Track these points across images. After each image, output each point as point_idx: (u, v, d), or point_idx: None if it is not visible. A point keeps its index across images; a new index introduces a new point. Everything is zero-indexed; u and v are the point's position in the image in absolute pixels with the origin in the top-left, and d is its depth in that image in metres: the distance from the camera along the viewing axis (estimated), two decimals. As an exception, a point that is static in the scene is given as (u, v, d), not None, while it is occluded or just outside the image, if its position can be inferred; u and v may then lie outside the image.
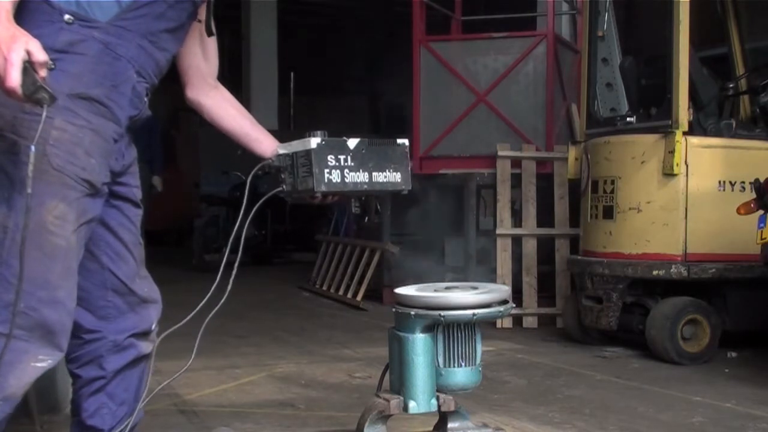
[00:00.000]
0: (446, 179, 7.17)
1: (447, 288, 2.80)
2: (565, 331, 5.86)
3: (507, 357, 5.24)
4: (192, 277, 9.52)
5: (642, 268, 5.14)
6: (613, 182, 5.33)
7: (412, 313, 2.68)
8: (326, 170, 2.28)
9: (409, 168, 2.45)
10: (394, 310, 2.77)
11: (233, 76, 16.16)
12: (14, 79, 1.74)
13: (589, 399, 4.11)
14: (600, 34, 6.12)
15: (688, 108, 5.11)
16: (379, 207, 8.40)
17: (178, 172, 13.41)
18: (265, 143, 2.46)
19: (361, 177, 2.34)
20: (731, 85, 5.90)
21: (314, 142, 2.28)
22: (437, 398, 2.74)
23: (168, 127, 16.91)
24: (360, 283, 7.49)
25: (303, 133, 2.36)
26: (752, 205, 4.56)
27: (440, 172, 7.23)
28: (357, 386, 4.33)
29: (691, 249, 5.10)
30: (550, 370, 4.83)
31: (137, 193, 2.28)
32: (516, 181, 6.72)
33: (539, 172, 6.75)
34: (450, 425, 2.83)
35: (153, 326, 2.34)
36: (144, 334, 2.32)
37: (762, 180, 4.51)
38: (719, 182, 5.13)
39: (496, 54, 7.20)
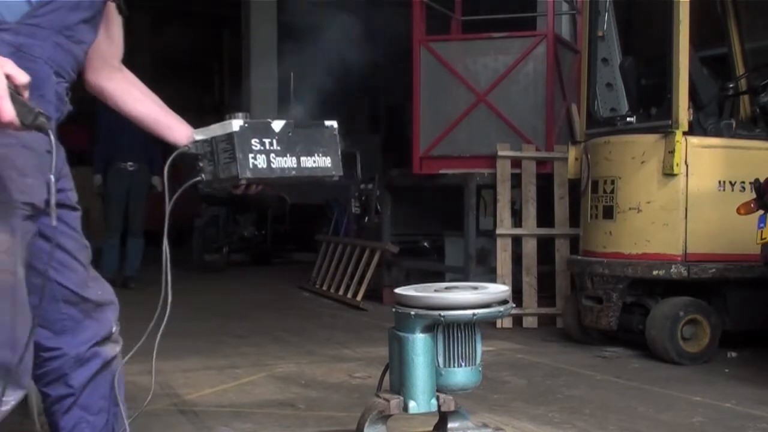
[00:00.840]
0: (446, 179, 7.17)
1: (447, 288, 2.80)
2: (565, 331, 5.86)
3: (507, 357, 5.24)
4: (192, 277, 9.53)
5: (642, 268, 5.14)
6: (613, 182, 5.33)
7: (412, 313, 2.68)
8: (251, 155, 2.07)
9: (339, 152, 2.23)
10: (394, 310, 2.77)
11: (233, 75, 16.19)
12: (9, 111, 1.60)
13: (589, 399, 4.11)
14: (600, 34, 6.13)
15: (688, 108, 5.11)
16: (379, 207, 8.41)
17: (178, 172, 13.39)
18: (177, 129, 2.25)
19: (289, 162, 2.14)
20: (731, 85, 5.90)
21: (236, 124, 2.08)
22: (437, 398, 2.74)
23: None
24: (360, 283, 7.49)
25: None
26: (752, 205, 4.56)
27: (440, 172, 7.23)
28: (357, 386, 4.33)
29: (691, 249, 5.10)
30: (550, 370, 4.83)
31: (72, 196, 2.12)
32: (516, 181, 6.72)
33: (539, 172, 6.75)
34: (450, 425, 2.83)
35: (113, 329, 2.19)
36: (105, 339, 2.17)
37: (762, 180, 4.51)
38: (719, 182, 5.13)
39: (496, 54, 7.20)
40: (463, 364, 2.71)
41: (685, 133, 5.07)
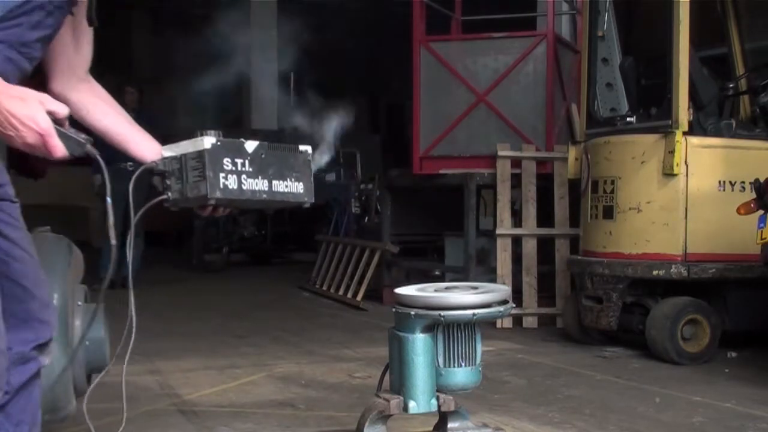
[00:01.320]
0: (446, 179, 7.18)
1: (447, 288, 2.80)
2: (565, 331, 5.86)
3: (507, 357, 5.24)
4: (192, 277, 9.54)
5: (642, 268, 5.14)
6: (613, 182, 5.33)
7: (412, 313, 2.68)
8: (221, 174, 1.98)
9: (312, 178, 2.17)
10: (394, 310, 2.78)
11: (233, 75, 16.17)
12: (60, 148, 1.68)
13: (589, 399, 4.11)
14: (600, 34, 6.13)
15: (688, 108, 5.11)
16: (379, 207, 8.41)
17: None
18: (143, 145, 2.17)
19: (260, 185, 2.06)
20: (731, 85, 5.90)
21: (208, 141, 1.99)
22: (437, 398, 2.74)
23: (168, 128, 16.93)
24: (360, 283, 7.49)
25: (302, 132, 2.24)
26: (752, 205, 4.56)
27: (440, 172, 7.23)
28: (357, 386, 4.33)
29: (691, 249, 5.10)
30: (550, 370, 4.83)
31: (10, 191, 1.99)
32: (516, 181, 6.72)
33: (539, 172, 6.75)
34: (450, 425, 2.83)
35: (52, 335, 2.06)
36: (44, 345, 2.04)
37: (762, 180, 4.51)
38: (719, 182, 5.13)
39: (496, 54, 7.20)
40: (463, 364, 2.72)
41: (685, 133, 5.07)
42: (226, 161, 2.00)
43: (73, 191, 12.20)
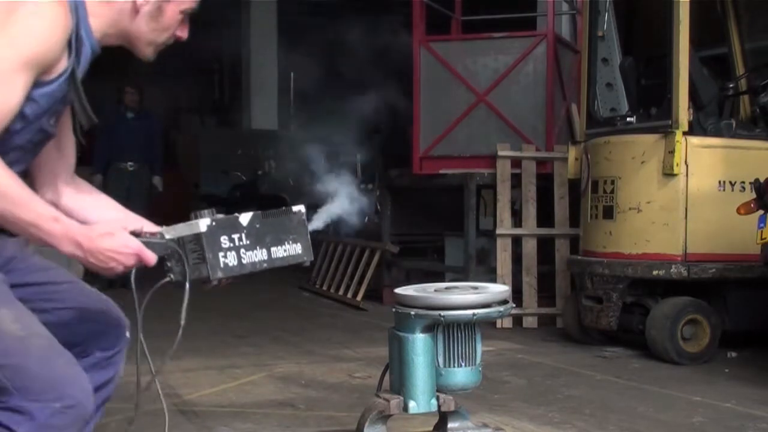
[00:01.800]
0: (446, 179, 7.17)
1: (447, 288, 2.80)
2: (565, 331, 5.86)
3: (507, 357, 5.24)
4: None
5: (642, 268, 5.14)
6: (613, 182, 5.33)
7: (412, 313, 2.68)
8: (221, 254, 2.03)
9: (309, 235, 2.22)
10: (394, 310, 2.78)
11: (233, 76, 16.19)
12: (153, 256, 1.91)
13: (589, 399, 4.11)
14: (600, 34, 6.13)
15: (688, 108, 5.11)
16: (379, 207, 8.40)
17: (178, 173, 13.42)
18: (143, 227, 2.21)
19: (259, 255, 2.11)
20: (731, 85, 5.90)
21: (203, 224, 2.02)
22: (437, 398, 2.74)
23: (168, 128, 16.91)
24: (360, 283, 7.49)
25: (303, 133, 2.24)
26: (752, 205, 4.56)
27: (440, 172, 7.23)
28: (357, 386, 4.33)
29: (691, 249, 5.10)
30: (550, 370, 4.83)
31: (18, 252, 2.10)
32: (516, 181, 6.72)
33: (539, 172, 6.75)
34: (450, 425, 2.83)
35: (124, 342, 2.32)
36: (119, 353, 2.32)
37: (762, 180, 4.51)
38: (719, 182, 5.13)
39: (496, 54, 7.20)
40: (463, 364, 2.72)
41: (685, 133, 5.07)
42: (224, 239, 2.04)
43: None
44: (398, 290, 2.83)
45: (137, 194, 8.15)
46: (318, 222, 2.35)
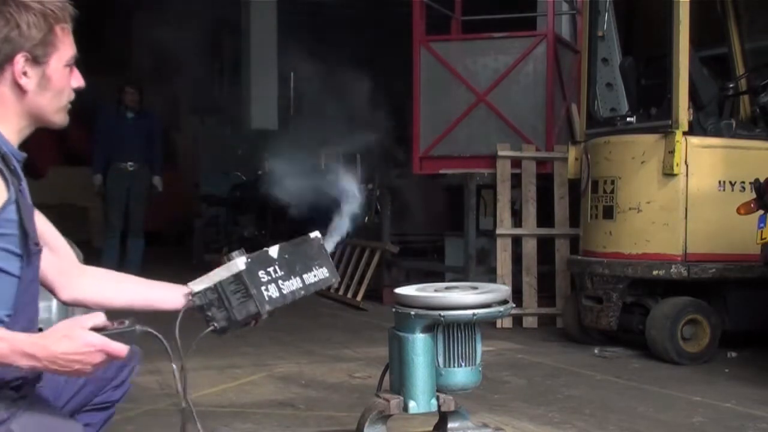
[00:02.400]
0: (446, 179, 7.17)
1: (447, 288, 2.80)
2: (565, 331, 5.86)
3: (507, 357, 5.24)
4: (192, 278, 9.52)
5: (642, 268, 5.14)
6: (613, 182, 5.33)
7: (412, 313, 2.68)
8: (263, 288, 2.10)
9: (330, 258, 2.32)
10: (394, 310, 2.77)
11: (233, 76, 16.17)
12: (122, 348, 1.76)
13: (589, 399, 4.11)
14: (600, 34, 6.13)
15: (688, 108, 5.11)
16: (379, 207, 8.41)
17: (178, 173, 13.42)
18: (169, 296, 2.22)
19: (296, 283, 2.19)
20: (731, 85, 5.90)
21: (241, 262, 2.08)
22: (437, 398, 2.74)
23: (168, 128, 16.90)
24: (360, 283, 7.49)
25: (302, 133, 2.27)
26: (752, 205, 4.56)
27: (440, 172, 7.23)
28: (357, 386, 4.33)
29: (691, 249, 5.10)
30: (550, 370, 4.83)
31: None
32: (516, 181, 6.72)
33: (539, 172, 6.75)
34: (450, 425, 2.83)
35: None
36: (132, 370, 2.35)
37: (762, 180, 4.51)
38: (719, 182, 5.13)
39: (496, 54, 7.20)
40: (463, 364, 2.71)
41: (685, 133, 5.07)
42: (261, 273, 2.11)
43: (73, 191, 12.20)
44: (398, 290, 2.82)
45: (137, 194, 8.16)
46: (330, 245, 2.39)
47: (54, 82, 1.91)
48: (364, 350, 5.36)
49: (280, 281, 2.14)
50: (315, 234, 2.30)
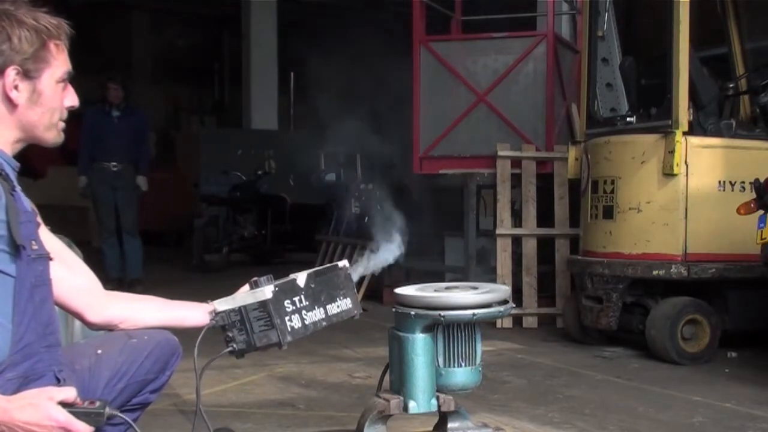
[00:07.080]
0: (446, 179, 7.17)
1: (447, 288, 2.80)
2: (565, 331, 5.86)
3: (507, 357, 5.24)
4: (192, 278, 9.53)
5: (642, 268, 5.14)
6: (613, 182, 5.33)
7: (412, 313, 2.68)
8: (286, 318, 2.09)
9: (355, 289, 2.33)
10: (394, 310, 2.77)
11: (233, 75, 16.18)
12: (85, 427, 1.71)
13: (589, 399, 4.11)
14: (600, 34, 6.12)
15: (688, 108, 5.11)
16: (379, 207, 8.40)
17: (178, 173, 13.41)
18: (191, 315, 2.25)
19: (318, 314, 2.19)
20: (731, 85, 5.90)
21: (268, 291, 2.07)
22: (437, 398, 2.74)
23: (168, 128, 16.90)
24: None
25: (302, 132, 2.26)
26: (752, 205, 4.56)
27: (440, 172, 7.23)
28: (357, 386, 4.33)
29: (691, 249, 5.10)
30: (550, 370, 4.83)
31: None
32: (516, 181, 6.72)
33: (539, 172, 6.75)
34: (450, 425, 2.83)
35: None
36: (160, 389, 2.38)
37: (762, 180, 4.51)
38: (719, 182, 5.13)
39: (496, 54, 7.20)
40: (463, 364, 2.71)
41: (685, 133, 5.07)
42: (287, 303, 2.11)
43: (73, 191, 12.17)
44: (398, 290, 2.83)
45: (123, 194, 7.93)
46: (356, 275, 2.44)
47: (45, 98, 1.91)
48: (364, 350, 5.36)
49: (303, 311, 2.14)
50: (344, 263, 2.32)
